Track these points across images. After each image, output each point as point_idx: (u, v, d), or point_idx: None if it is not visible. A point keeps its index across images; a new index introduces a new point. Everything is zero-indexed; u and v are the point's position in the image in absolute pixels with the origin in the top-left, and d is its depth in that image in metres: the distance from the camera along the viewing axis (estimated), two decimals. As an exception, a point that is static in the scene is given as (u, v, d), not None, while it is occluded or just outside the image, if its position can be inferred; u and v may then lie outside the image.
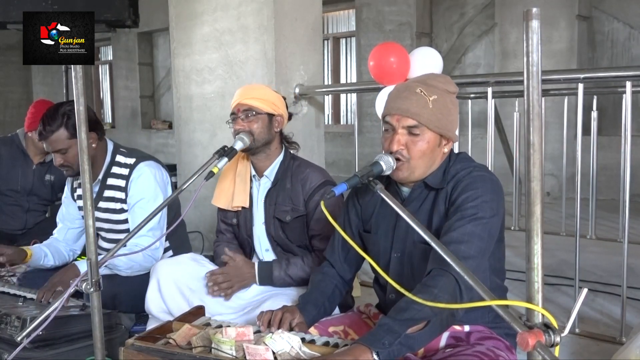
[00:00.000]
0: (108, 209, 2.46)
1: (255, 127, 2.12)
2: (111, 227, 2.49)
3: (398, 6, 7.61)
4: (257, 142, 2.12)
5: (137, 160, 2.45)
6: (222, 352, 1.45)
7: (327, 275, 1.86)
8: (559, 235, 4.18)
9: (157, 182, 2.42)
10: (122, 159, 2.47)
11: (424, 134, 1.59)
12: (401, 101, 1.60)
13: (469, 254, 1.48)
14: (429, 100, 1.58)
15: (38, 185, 3.34)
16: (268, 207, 2.18)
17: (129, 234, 1.72)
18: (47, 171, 3.35)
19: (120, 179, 2.44)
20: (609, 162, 5.41)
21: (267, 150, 2.18)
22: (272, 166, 2.20)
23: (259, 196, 2.22)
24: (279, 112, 2.18)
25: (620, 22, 6.44)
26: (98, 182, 2.45)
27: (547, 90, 4.16)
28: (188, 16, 3.48)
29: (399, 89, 1.65)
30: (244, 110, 2.13)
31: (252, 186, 2.24)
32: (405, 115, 1.59)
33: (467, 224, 1.51)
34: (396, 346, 1.38)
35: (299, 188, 2.15)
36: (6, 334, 1.82)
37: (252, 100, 2.13)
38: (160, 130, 10.57)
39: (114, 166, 2.46)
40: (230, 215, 2.28)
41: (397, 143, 1.59)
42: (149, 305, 2.09)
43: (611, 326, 2.45)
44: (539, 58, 0.97)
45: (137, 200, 2.40)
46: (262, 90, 2.20)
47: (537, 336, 0.98)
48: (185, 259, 2.19)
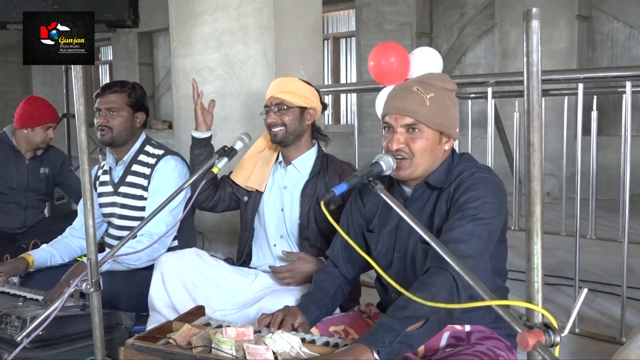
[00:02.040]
0: (127, 194, 2.50)
1: (287, 120, 2.17)
2: (125, 212, 2.51)
3: (398, 6, 7.60)
4: (289, 135, 2.18)
5: (165, 152, 2.53)
6: (222, 352, 1.45)
7: (330, 274, 1.87)
8: (559, 235, 4.18)
9: (180, 176, 2.47)
10: (151, 149, 2.54)
11: (422, 131, 1.61)
12: (398, 100, 1.62)
13: (468, 253, 1.48)
14: (426, 98, 1.60)
15: (34, 180, 3.35)
16: (305, 197, 2.20)
17: (129, 234, 1.72)
18: (41, 164, 3.38)
19: (146, 167, 2.49)
20: (609, 162, 5.41)
21: (298, 142, 2.22)
22: (301, 157, 2.24)
23: (281, 183, 2.25)
24: (312, 105, 2.22)
25: (620, 22, 6.44)
26: (123, 166, 2.52)
27: (547, 90, 4.16)
28: (188, 16, 3.48)
29: (397, 89, 1.67)
30: (276, 104, 2.17)
31: (273, 172, 2.28)
32: (402, 114, 1.60)
33: (468, 223, 1.52)
34: (396, 345, 1.38)
35: (336, 180, 2.17)
36: (6, 334, 1.82)
37: (285, 94, 2.17)
38: (160, 130, 10.57)
39: (142, 154, 2.53)
40: (243, 192, 2.32)
41: (396, 142, 1.61)
42: (152, 299, 2.08)
43: (611, 326, 2.45)
44: (539, 58, 0.97)
45: (159, 189, 2.44)
46: (295, 83, 2.24)
47: (537, 336, 0.98)
48: (189, 254, 2.19)
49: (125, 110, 2.46)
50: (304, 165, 2.24)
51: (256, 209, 2.29)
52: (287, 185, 2.25)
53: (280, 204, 2.24)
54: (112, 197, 2.54)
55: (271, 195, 2.26)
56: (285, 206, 2.23)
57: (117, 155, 2.55)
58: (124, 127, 2.46)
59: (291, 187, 2.24)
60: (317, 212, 2.17)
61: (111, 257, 1.80)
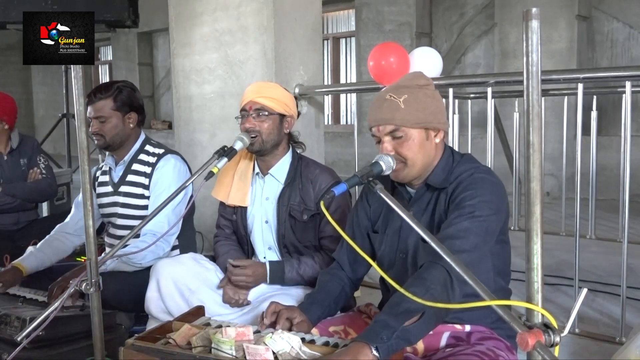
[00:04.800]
0: (129, 194, 2.49)
1: (266, 127, 2.10)
2: (127, 212, 2.50)
3: (398, 6, 7.61)
4: (265, 144, 2.11)
5: (165, 152, 2.52)
6: (222, 352, 1.45)
7: (335, 276, 1.87)
8: (559, 235, 4.18)
9: (181, 174, 2.46)
10: (151, 149, 2.53)
11: (406, 134, 1.63)
12: (376, 112, 1.66)
13: (463, 248, 1.49)
14: (400, 101, 1.62)
15: (17, 172, 3.37)
16: (281, 206, 2.16)
17: (130, 234, 1.71)
18: (20, 156, 3.39)
19: (147, 166, 2.49)
20: (608, 162, 5.41)
21: (275, 150, 2.16)
22: (277, 165, 2.19)
23: (262, 194, 2.21)
24: (290, 112, 2.16)
25: (620, 22, 6.44)
26: (124, 165, 2.51)
27: (546, 90, 4.17)
28: (188, 16, 3.48)
29: (374, 101, 1.70)
30: (255, 109, 2.10)
31: (253, 184, 2.23)
32: (382, 124, 1.64)
33: (464, 221, 1.53)
34: (394, 340, 1.38)
35: (309, 188, 2.15)
36: (6, 334, 1.82)
37: (266, 99, 2.10)
38: (160, 130, 10.58)
39: (142, 153, 2.52)
40: (230, 211, 2.29)
41: (385, 150, 1.64)
42: (148, 306, 2.09)
43: (611, 326, 2.45)
44: (538, 58, 0.97)
45: (160, 187, 2.43)
46: (276, 89, 2.17)
47: (537, 336, 0.98)
48: (185, 259, 2.19)
49: (114, 116, 2.43)
50: (281, 173, 2.19)
51: (246, 224, 2.25)
52: (268, 196, 2.21)
53: (265, 216, 2.21)
54: (113, 197, 2.53)
55: (254, 208, 2.23)
56: (269, 218, 2.20)
57: (117, 157, 2.54)
58: (116, 131, 2.44)
59: (272, 197, 2.20)
60: (293, 220, 2.15)
61: (111, 257, 1.80)
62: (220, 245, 2.28)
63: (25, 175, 3.39)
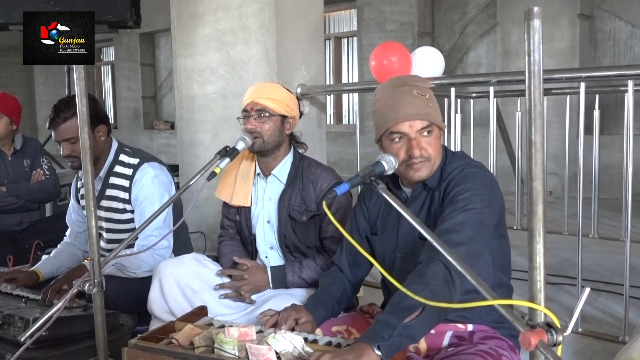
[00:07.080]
0: (110, 208, 2.46)
1: (267, 128, 2.09)
2: (112, 226, 2.49)
3: (399, 6, 7.60)
4: (267, 145, 2.10)
5: (140, 161, 2.45)
6: (225, 352, 1.45)
7: (336, 279, 1.87)
8: (562, 234, 4.18)
9: (161, 183, 2.42)
10: (126, 158, 2.47)
11: (434, 131, 1.63)
12: (406, 107, 1.61)
13: (460, 241, 1.50)
14: (427, 98, 1.63)
15: (21, 173, 3.38)
16: (281, 207, 2.16)
17: (132, 234, 1.72)
18: (23, 157, 3.41)
19: (124, 179, 2.43)
20: (611, 161, 5.39)
21: (277, 151, 2.16)
22: (279, 166, 2.18)
23: (264, 195, 2.21)
24: (292, 113, 2.15)
25: (622, 20, 6.42)
26: (100, 180, 2.46)
27: (549, 89, 4.16)
28: (190, 17, 3.49)
29: (396, 97, 1.63)
30: (257, 110, 2.10)
31: (255, 184, 2.23)
32: (416, 119, 1.60)
33: (458, 214, 1.53)
34: (396, 337, 1.37)
35: (310, 189, 2.14)
36: (9, 335, 1.82)
37: (267, 100, 2.10)
38: (162, 130, 10.59)
39: (118, 165, 2.46)
40: (233, 212, 2.29)
41: (418, 148, 1.60)
42: (151, 306, 2.09)
43: (614, 325, 2.45)
44: (540, 57, 0.97)
45: (142, 201, 2.40)
46: (278, 90, 2.16)
47: (540, 335, 0.98)
48: (187, 259, 2.18)
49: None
50: (283, 174, 2.19)
51: (250, 225, 2.25)
52: (271, 196, 2.20)
53: (267, 216, 2.21)
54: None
55: (257, 208, 2.23)
56: (271, 218, 2.20)
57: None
58: None
59: (275, 197, 2.19)
60: (293, 221, 2.15)
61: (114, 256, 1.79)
62: (225, 245, 2.29)
63: (28, 176, 3.40)
